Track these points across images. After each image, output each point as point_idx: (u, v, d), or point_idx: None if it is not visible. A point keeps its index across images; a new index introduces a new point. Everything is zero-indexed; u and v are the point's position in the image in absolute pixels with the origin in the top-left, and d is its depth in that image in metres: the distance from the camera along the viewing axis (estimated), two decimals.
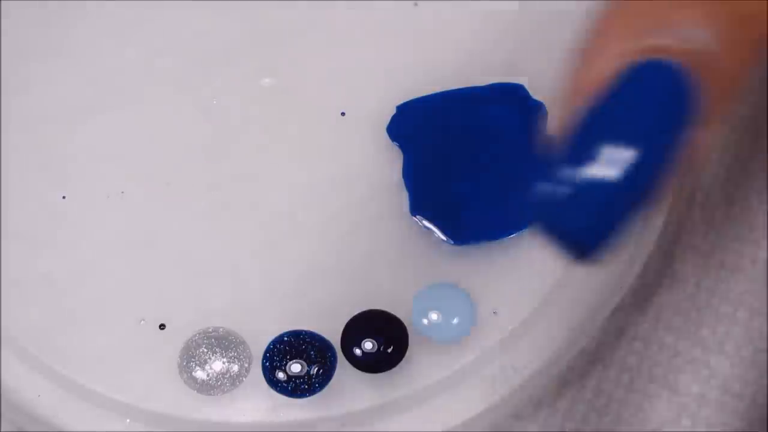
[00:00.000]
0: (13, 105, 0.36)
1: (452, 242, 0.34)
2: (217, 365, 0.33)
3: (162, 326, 0.34)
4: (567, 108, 0.25)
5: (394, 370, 0.33)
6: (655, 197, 0.25)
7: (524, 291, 0.34)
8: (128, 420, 0.33)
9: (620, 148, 0.24)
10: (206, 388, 0.33)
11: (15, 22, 0.37)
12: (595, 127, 0.25)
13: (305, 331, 0.34)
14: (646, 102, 0.25)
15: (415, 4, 0.37)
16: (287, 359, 0.33)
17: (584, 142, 0.25)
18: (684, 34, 0.25)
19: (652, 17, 0.25)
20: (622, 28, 0.25)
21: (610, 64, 0.25)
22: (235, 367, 0.33)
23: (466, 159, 0.35)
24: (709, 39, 0.25)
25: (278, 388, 0.33)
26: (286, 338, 0.33)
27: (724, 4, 0.25)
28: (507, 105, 0.36)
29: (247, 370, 0.33)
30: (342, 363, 0.33)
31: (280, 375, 0.33)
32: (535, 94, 0.36)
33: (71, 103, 0.36)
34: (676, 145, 0.25)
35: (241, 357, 0.33)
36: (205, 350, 0.33)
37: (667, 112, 0.25)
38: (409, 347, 0.33)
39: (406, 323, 0.34)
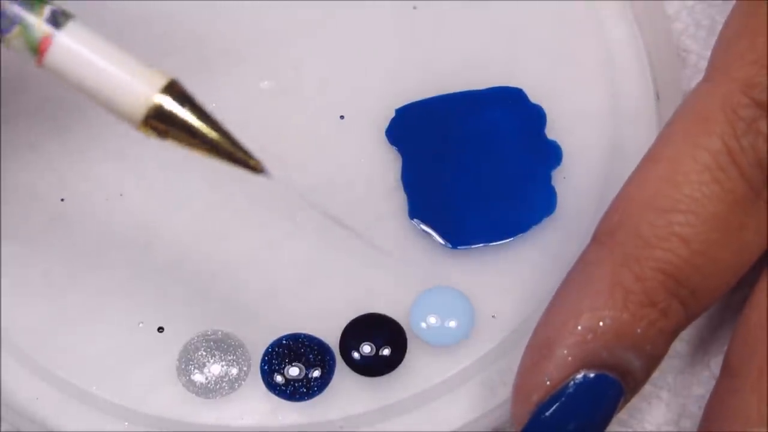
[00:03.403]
0: (13, 105, 0.36)
1: (451, 245, 0.34)
2: (216, 368, 0.33)
3: (161, 329, 0.34)
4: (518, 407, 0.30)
5: (392, 373, 0.33)
6: None
7: (523, 294, 0.34)
8: (126, 423, 0.33)
9: None
10: (205, 391, 0.33)
11: None
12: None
13: (304, 335, 0.34)
14: (589, 415, 0.30)
15: (414, 7, 0.37)
16: (286, 363, 0.33)
17: None
18: (626, 358, 0.30)
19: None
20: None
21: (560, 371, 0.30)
22: (234, 371, 0.33)
23: (465, 162, 0.35)
24: (643, 367, 0.30)
25: (277, 392, 0.33)
26: (284, 341, 0.33)
27: None
28: (505, 109, 0.36)
29: (246, 374, 0.33)
30: (340, 366, 0.33)
31: (279, 378, 0.33)
32: (534, 98, 0.36)
33: (71, 102, 0.36)
34: None
35: (240, 360, 0.33)
36: (204, 353, 0.33)
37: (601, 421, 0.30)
38: (407, 351, 0.34)
39: (404, 326, 0.34)
